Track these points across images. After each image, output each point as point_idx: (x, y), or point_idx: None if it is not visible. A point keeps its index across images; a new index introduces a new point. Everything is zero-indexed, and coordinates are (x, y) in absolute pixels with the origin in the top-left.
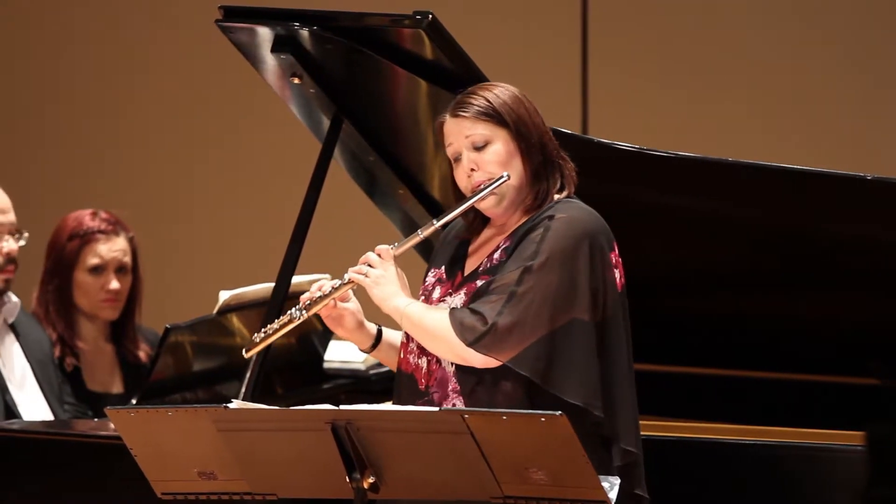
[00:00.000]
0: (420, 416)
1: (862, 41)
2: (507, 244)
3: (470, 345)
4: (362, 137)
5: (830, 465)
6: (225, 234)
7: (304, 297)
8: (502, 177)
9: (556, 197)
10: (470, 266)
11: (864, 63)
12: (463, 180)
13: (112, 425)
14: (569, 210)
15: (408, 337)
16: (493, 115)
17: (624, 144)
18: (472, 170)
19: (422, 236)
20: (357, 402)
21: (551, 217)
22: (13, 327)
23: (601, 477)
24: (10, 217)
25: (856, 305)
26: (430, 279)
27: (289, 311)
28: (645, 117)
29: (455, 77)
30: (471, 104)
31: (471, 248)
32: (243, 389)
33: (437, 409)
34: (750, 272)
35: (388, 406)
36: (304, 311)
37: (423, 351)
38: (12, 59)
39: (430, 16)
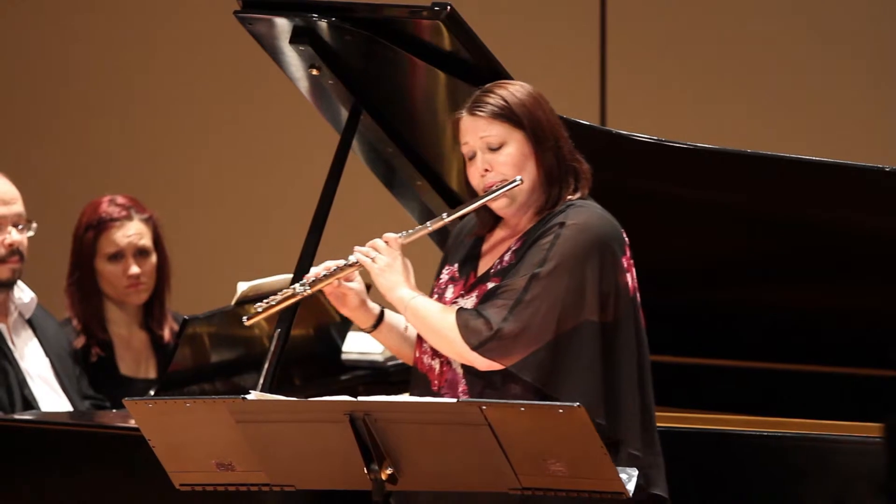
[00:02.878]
0: (438, 407)
1: (878, 40)
2: (517, 246)
3: (474, 348)
4: (381, 129)
5: (848, 457)
6: (242, 225)
7: (310, 274)
8: (515, 181)
9: (570, 198)
10: (482, 267)
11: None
12: (475, 179)
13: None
14: (580, 215)
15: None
16: (509, 117)
17: (643, 136)
18: (486, 170)
19: (430, 229)
20: (375, 393)
21: (562, 224)
22: (31, 322)
23: (619, 468)
24: (15, 208)
25: (874, 296)
26: (444, 276)
27: (292, 286)
28: (662, 114)
29: (474, 69)
30: (487, 103)
31: (484, 248)
32: (261, 381)
33: (454, 400)
34: (769, 263)
35: (405, 397)
36: (307, 287)
37: (435, 353)
38: (19, 50)
39: (449, 7)
